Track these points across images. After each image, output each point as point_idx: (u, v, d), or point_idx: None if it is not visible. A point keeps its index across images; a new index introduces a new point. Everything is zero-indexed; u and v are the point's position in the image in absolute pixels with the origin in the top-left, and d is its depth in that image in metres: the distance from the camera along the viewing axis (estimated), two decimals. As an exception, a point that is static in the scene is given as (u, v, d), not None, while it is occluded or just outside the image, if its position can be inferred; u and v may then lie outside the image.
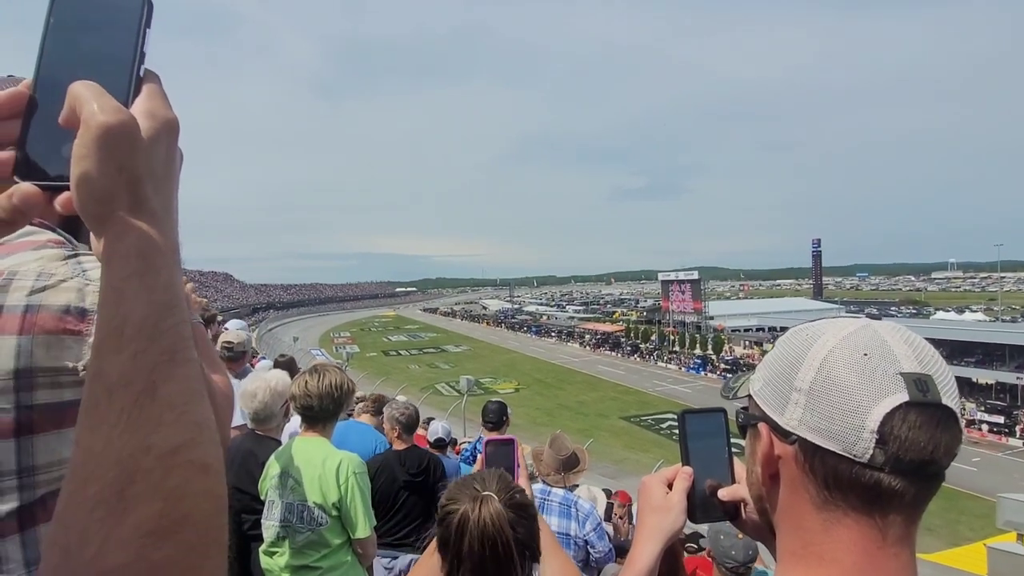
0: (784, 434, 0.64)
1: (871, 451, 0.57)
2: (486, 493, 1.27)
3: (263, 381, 2.79)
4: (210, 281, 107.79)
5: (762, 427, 0.68)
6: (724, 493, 0.86)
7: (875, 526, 0.59)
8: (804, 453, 0.62)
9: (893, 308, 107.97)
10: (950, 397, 0.59)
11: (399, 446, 3.71)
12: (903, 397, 0.57)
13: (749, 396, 0.74)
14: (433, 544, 1.30)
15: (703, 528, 5.29)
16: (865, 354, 0.60)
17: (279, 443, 2.71)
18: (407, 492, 3.47)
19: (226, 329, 4.40)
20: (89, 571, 0.37)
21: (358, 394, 4.70)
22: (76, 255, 0.72)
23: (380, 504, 3.31)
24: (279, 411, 2.81)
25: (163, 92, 0.48)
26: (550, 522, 3.03)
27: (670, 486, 0.89)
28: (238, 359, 3.75)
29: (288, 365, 6.15)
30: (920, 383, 0.58)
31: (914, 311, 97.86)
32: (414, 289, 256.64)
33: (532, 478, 3.12)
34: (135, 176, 0.44)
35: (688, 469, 0.88)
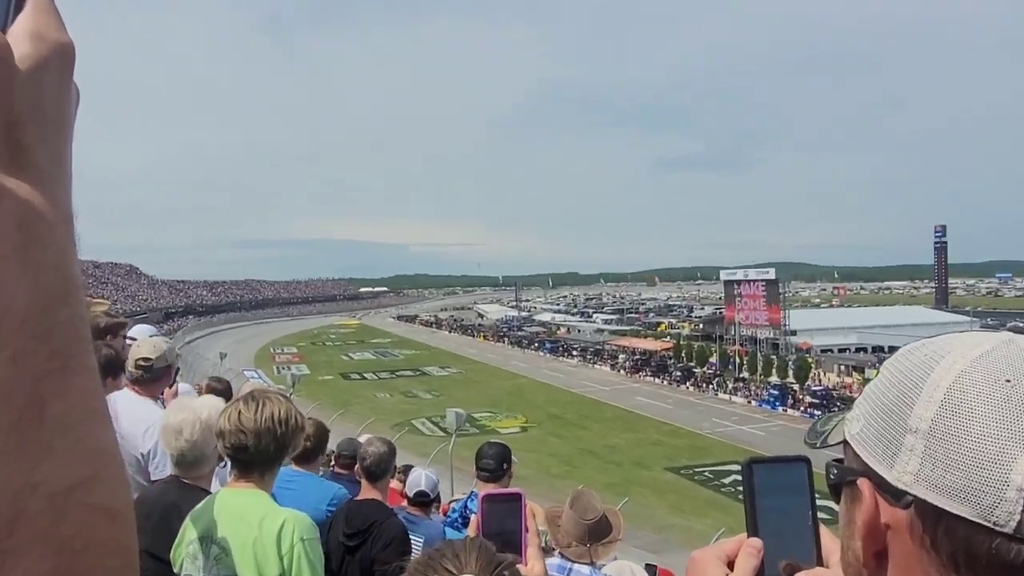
0: (895, 494, 0.61)
1: (1018, 517, 0.54)
2: None
3: (191, 412, 2.80)
4: (108, 276, 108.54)
5: (863, 484, 0.65)
6: None
7: None
8: (923, 521, 0.59)
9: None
10: None
11: (362, 494, 3.79)
12: None
13: (845, 442, 0.70)
14: None
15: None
16: (1008, 380, 0.57)
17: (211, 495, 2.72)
18: (349, 555, 3.58)
19: (132, 340, 4.39)
20: None
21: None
22: None
23: (328, 572, 3.45)
24: (212, 452, 2.81)
25: (54, 8, 0.47)
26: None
27: (731, 565, 0.83)
28: (160, 378, 3.75)
29: (225, 393, 6.18)
30: None
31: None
32: (385, 289, 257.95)
33: (547, 551, 3.13)
34: (11, 118, 0.43)
35: (756, 542, 0.82)
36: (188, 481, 2.82)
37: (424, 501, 4.86)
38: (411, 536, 3.85)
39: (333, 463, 6.18)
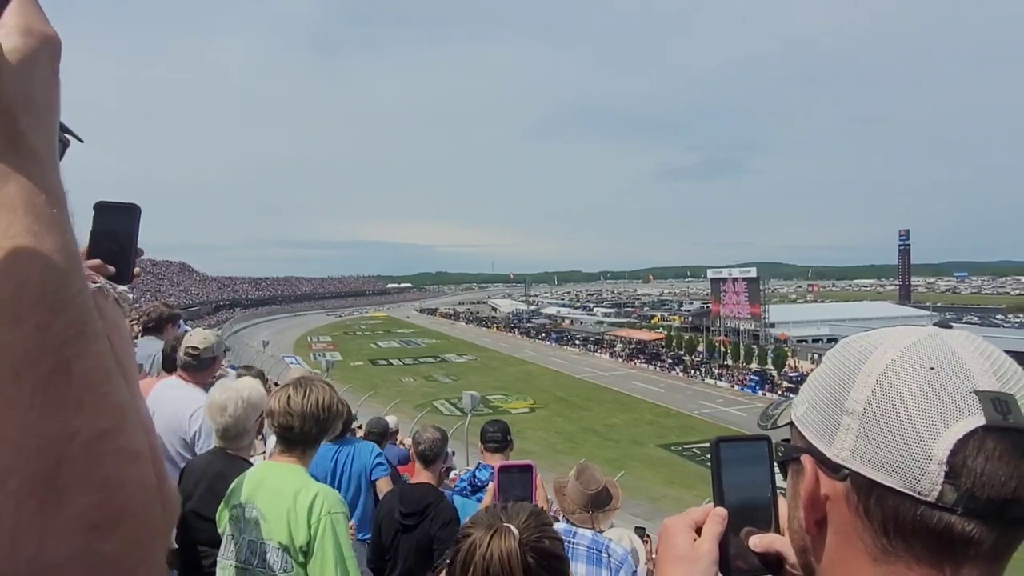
0: (833, 468, 0.62)
1: (939, 487, 0.55)
2: (506, 525, 1.29)
3: (233, 391, 2.82)
4: (164, 272, 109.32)
5: (806, 460, 0.66)
6: (756, 542, 0.80)
7: None
8: (857, 492, 0.61)
9: (999, 316, 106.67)
10: None
11: (415, 477, 3.77)
12: (978, 420, 0.55)
13: (791, 423, 0.71)
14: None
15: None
16: (932, 368, 0.58)
17: (252, 465, 2.75)
18: (404, 536, 3.50)
19: (187, 331, 4.42)
20: (32, 569, 0.39)
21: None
22: None
23: (379, 547, 3.58)
24: (252, 426, 2.85)
25: (38, 4, 0.47)
26: (576, 570, 3.02)
27: (699, 531, 0.83)
28: (206, 368, 3.77)
29: (258, 378, 6.17)
30: (999, 403, 0.56)
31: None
32: (409, 285, 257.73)
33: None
34: (4, 106, 0.43)
35: (721, 511, 0.83)
36: (231, 452, 2.85)
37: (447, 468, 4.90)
38: None
39: (362, 438, 6.18)
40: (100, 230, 1.18)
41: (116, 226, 1.19)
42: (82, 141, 1.10)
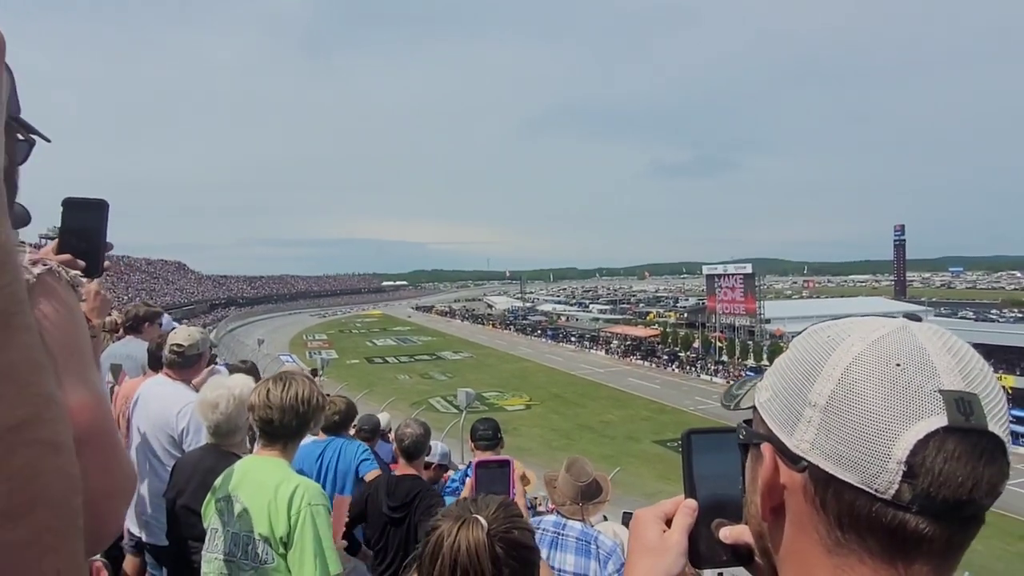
0: (792, 459, 0.62)
1: (896, 486, 0.55)
2: (475, 516, 1.30)
3: (225, 389, 2.85)
4: (159, 271, 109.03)
5: (766, 448, 0.66)
6: (727, 533, 0.81)
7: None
8: (815, 484, 0.61)
9: (994, 311, 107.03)
10: (998, 422, 0.56)
11: (399, 470, 3.77)
12: (940, 421, 0.55)
13: (754, 407, 0.71)
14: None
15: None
16: (897, 364, 0.58)
17: (243, 461, 2.77)
18: (392, 527, 3.54)
19: (173, 327, 4.41)
20: None
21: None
22: None
23: (369, 537, 3.67)
24: (244, 423, 2.87)
25: None
26: (565, 560, 3.04)
27: (669, 523, 0.84)
28: (192, 365, 3.75)
29: (251, 372, 6.18)
30: (963, 404, 0.56)
31: (1020, 315, 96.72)
32: (405, 283, 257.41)
33: (535, 511, 3.10)
34: None
35: (691, 502, 0.84)
36: (224, 448, 2.88)
37: (440, 470, 4.89)
38: None
39: (354, 435, 6.20)
40: (69, 226, 1.22)
41: (84, 222, 1.24)
42: (49, 140, 1.11)
